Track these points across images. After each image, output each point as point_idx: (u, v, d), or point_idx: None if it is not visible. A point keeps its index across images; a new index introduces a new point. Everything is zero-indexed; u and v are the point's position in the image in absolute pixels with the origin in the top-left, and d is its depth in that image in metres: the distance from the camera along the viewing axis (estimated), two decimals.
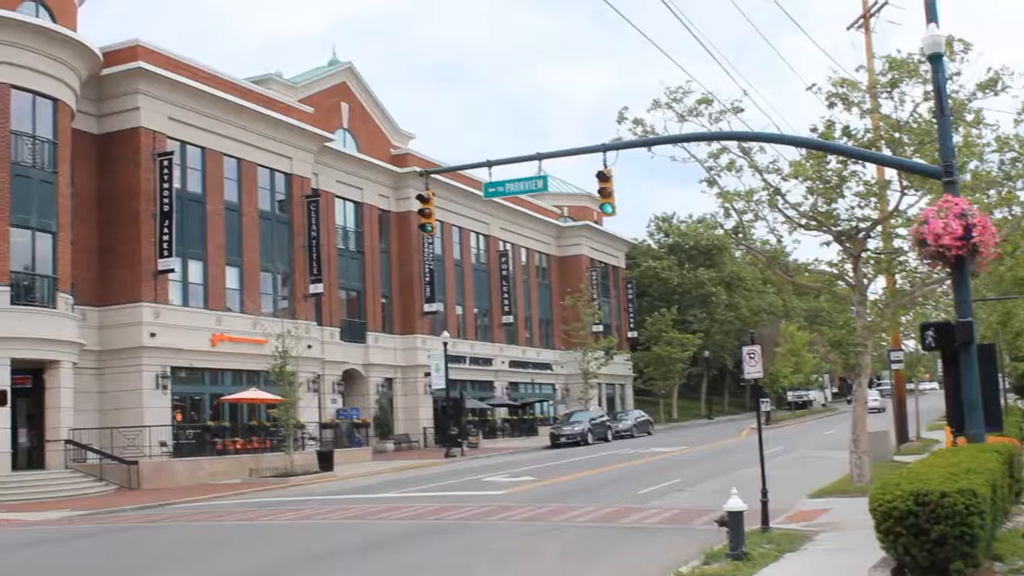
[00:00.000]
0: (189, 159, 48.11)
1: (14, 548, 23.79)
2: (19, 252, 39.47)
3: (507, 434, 71.90)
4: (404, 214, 65.10)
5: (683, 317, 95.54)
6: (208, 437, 45.68)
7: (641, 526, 21.65)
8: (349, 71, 63.97)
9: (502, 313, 76.44)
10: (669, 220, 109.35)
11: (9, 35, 39.47)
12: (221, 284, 48.85)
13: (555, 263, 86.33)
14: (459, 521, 23.84)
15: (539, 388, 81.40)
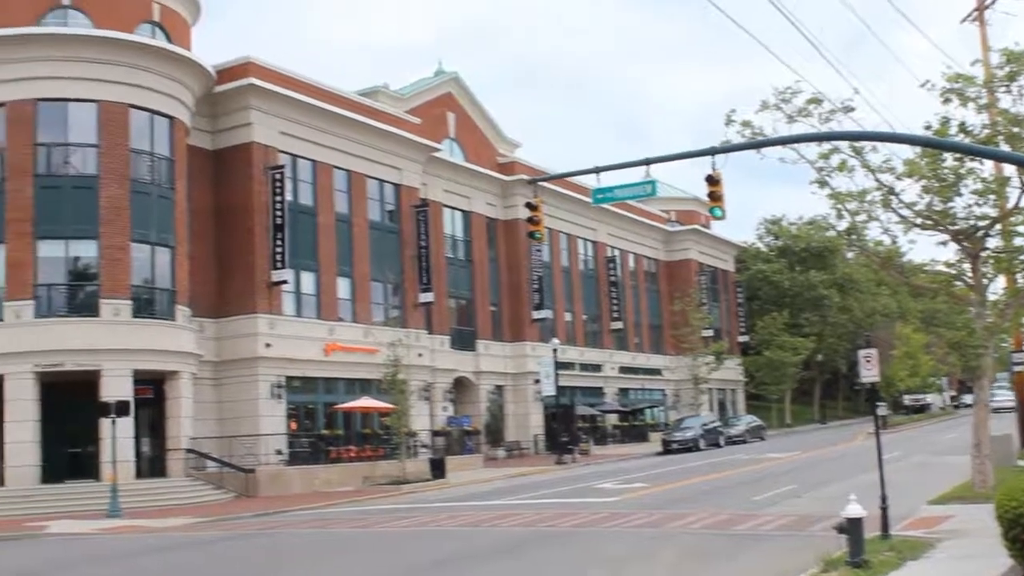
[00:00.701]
0: (300, 172, 48.98)
1: (145, 553, 24.52)
2: (139, 267, 40.60)
3: (617, 440, 71.61)
4: (512, 222, 65.37)
5: (795, 320, 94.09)
6: (322, 445, 46.36)
7: (756, 533, 21.39)
8: (454, 81, 64.47)
9: (611, 319, 76.21)
10: (778, 222, 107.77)
11: (128, 57, 40.67)
12: (333, 294, 49.59)
13: (663, 268, 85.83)
14: (572, 528, 23.83)
15: (649, 394, 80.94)
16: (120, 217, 39.93)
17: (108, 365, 38.66)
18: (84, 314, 39.40)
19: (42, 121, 39.92)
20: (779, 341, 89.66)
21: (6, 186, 39.52)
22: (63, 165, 40.18)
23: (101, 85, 40.29)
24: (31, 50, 39.68)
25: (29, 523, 32.54)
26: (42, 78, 39.71)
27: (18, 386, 38.23)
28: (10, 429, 38.41)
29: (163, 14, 43.71)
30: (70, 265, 40.13)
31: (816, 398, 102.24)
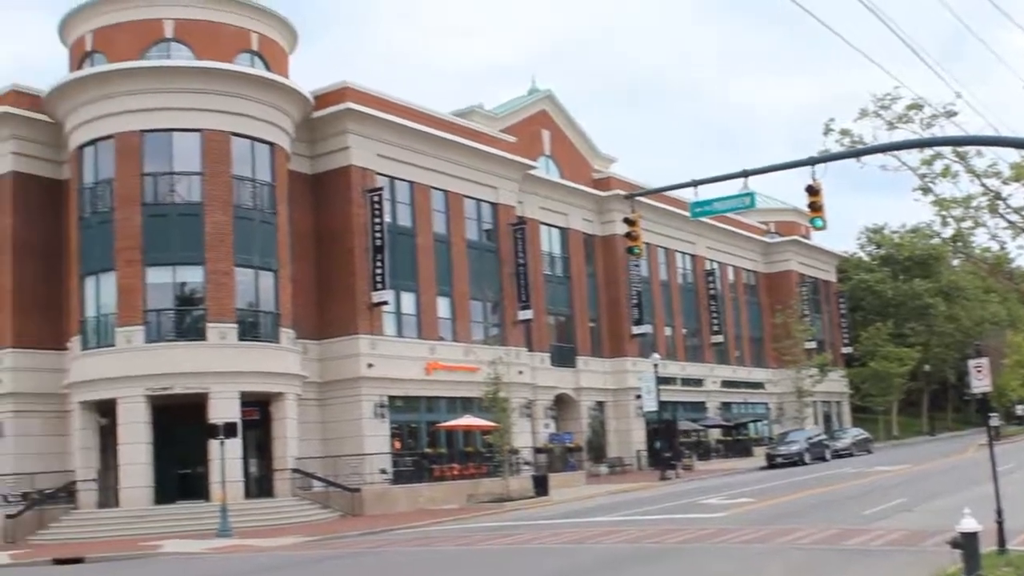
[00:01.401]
0: (398, 193, 49.52)
1: (257, 572, 24.99)
2: (244, 291, 41.41)
3: (721, 455, 70.91)
4: (609, 237, 65.29)
5: (900, 330, 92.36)
6: (426, 464, 46.65)
7: (867, 548, 21.02)
8: (548, 99, 64.69)
9: (711, 332, 75.60)
10: (880, 231, 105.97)
11: (228, 86, 41.62)
12: (433, 314, 50.00)
13: (763, 280, 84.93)
14: (677, 544, 23.67)
15: (752, 408, 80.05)
16: (224, 243, 40.81)
17: (216, 388, 39.48)
18: (192, 338, 40.32)
19: (148, 151, 41.02)
20: (884, 352, 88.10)
21: (115, 215, 40.67)
22: (169, 193, 41.21)
23: (204, 114, 41.28)
24: (137, 83, 40.84)
25: (143, 543, 33.34)
26: (147, 110, 40.82)
27: (131, 409, 39.26)
28: (124, 451, 39.46)
29: (261, 43, 44.65)
30: (177, 291, 41.09)
31: (924, 409, 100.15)
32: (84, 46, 43.93)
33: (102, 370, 39.95)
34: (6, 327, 43.38)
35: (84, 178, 42.18)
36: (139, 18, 42.94)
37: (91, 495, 40.18)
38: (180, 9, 43.12)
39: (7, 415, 42.75)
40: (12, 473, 41.14)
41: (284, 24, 45.95)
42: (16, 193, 43.99)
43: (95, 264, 41.20)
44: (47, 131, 44.37)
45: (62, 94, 42.31)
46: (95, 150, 41.83)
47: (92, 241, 41.44)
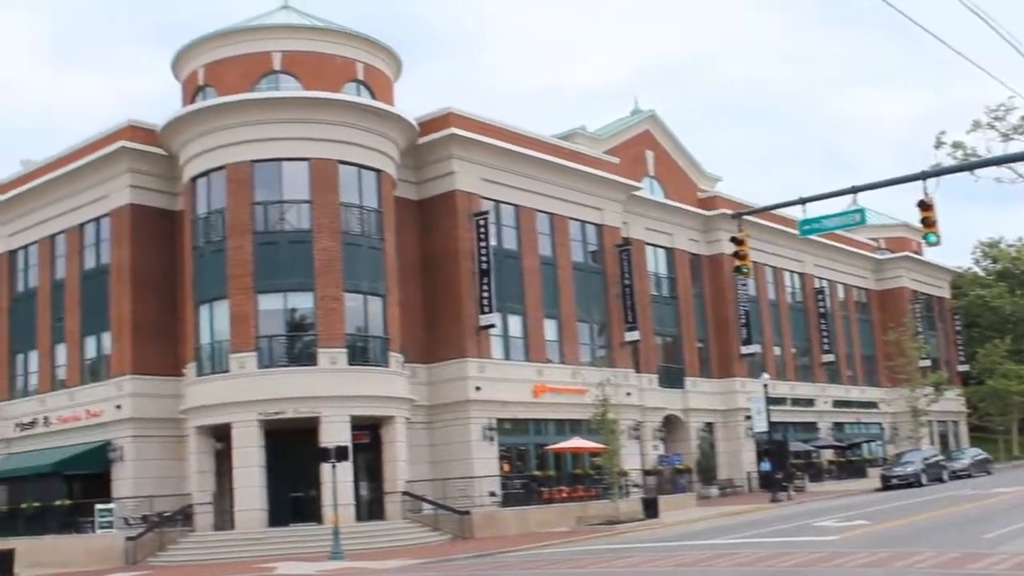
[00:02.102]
0: (503, 217, 49.79)
1: None
2: (353, 316, 41.99)
3: (834, 476, 69.59)
4: (715, 257, 64.79)
5: (1019, 347, 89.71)
6: (535, 486, 46.65)
7: (991, 572, 20.40)
8: (652, 119, 64.55)
9: (822, 352, 74.42)
10: (996, 245, 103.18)
11: (335, 115, 42.39)
12: (540, 336, 50.07)
13: (874, 297, 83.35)
14: (791, 568, 23.27)
15: (865, 428, 78.47)
16: (333, 269, 41.47)
17: (327, 412, 40.07)
18: (303, 363, 41.01)
19: (259, 181, 41.98)
20: (1002, 369, 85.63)
21: (228, 244, 41.63)
22: (279, 222, 42.05)
23: (312, 143, 42.08)
24: (247, 115, 41.82)
25: (258, 565, 33.89)
26: (257, 140, 41.79)
27: (244, 433, 40.05)
28: (238, 475, 40.26)
29: (367, 72, 45.41)
30: (288, 317, 41.83)
31: None
32: (196, 80, 45.18)
33: (216, 395, 40.87)
34: (125, 355, 44.67)
35: (197, 208, 43.28)
36: (248, 51, 44.10)
37: (207, 518, 41.08)
38: (288, 42, 44.17)
39: (126, 440, 43.99)
40: (132, 496, 42.30)
41: (389, 53, 46.67)
42: (133, 224, 45.35)
43: (209, 292, 42.20)
44: (161, 164, 45.69)
45: (176, 127, 43.54)
46: (208, 181, 42.91)
47: (205, 270, 42.48)
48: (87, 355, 47.59)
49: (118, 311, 45.36)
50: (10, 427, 49.58)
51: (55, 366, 49.06)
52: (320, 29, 45.23)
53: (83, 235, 48.24)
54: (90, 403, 45.86)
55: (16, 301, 51.93)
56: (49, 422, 47.81)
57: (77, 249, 48.37)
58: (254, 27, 44.70)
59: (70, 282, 48.58)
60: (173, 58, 46.28)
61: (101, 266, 47.12)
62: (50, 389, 48.79)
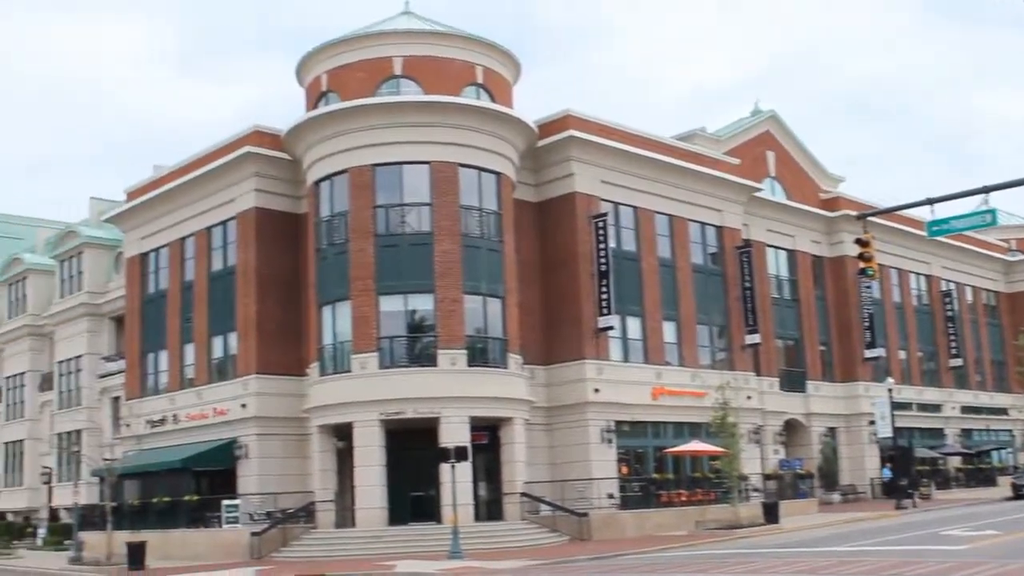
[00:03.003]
0: (622, 219, 49.62)
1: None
2: (472, 317, 42.33)
3: (961, 484, 67.75)
4: (838, 259, 63.66)
5: None
6: (653, 489, 46.39)
7: None
8: (772, 119, 63.70)
9: (949, 356, 72.49)
10: None
11: (455, 119, 42.79)
12: (659, 339, 49.79)
13: (1004, 300, 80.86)
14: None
15: (995, 435, 76.18)
16: (453, 271, 41.86)
17: (446, 412, 40.46)
18: (423, 364, 41.48)
19: (380, 184, 42.61)
20: None
21: (350, 247, 42.33)
22: (400, 224, 42.60)
23: (432, 147, 42.57)
24: (369, 119, 42.48)
25: (379, 562, 34.35)
26: (379, 144, 42.42)
27: (366, 433, 40.67)
28: (359, 473, 40.88)
29: (486, 76, 45.72)
30: (409, 318, 42.35)
31: None
32: (319, 86, 46.03)
33: (338, 395, 41.60)
34: (251, 354, 45.75)
35: (320, 211, 44.10)
36: (370, 57, 44.77)
37: (329, 515, 41.84)
38: (408, 47, 44.72)
39: (251, 438, 45.05)
40: (256, 493, 43.33)
41: (508, 57, 46.93)
42: (259, 227, 46.45)
43: (331, 293, 42.97)
44: (286, 168, 46.69)
45: (300, 132, 44.43)
46: (330, 184, 43.69)
47: (328, 272, 43.26)
48: (214, 355, 48.85)
49: (244, 312, 46.48)
50: (141, 424, 51.17)
51: (184, 365, 50.50)
52: (440, 34, 45.70)
53: (211, 238, 49.55)
54: (217, 401, 47.11)
55: (147, 302, 53.57)
56: (178, 420, 49.24)
57: (205, 251, 49.71)
58: (375, 33, 45.38)
59: (198, 284, 49.94)
60: (297, 65, 47.21)
61: (228, 268, 48.33)
62: (179, 388, 50.23)
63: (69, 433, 61.84)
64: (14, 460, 69.83)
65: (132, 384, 53.66)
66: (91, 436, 55.49)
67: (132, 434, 51.72)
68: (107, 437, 54.10)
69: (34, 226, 77.52)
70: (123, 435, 52.82)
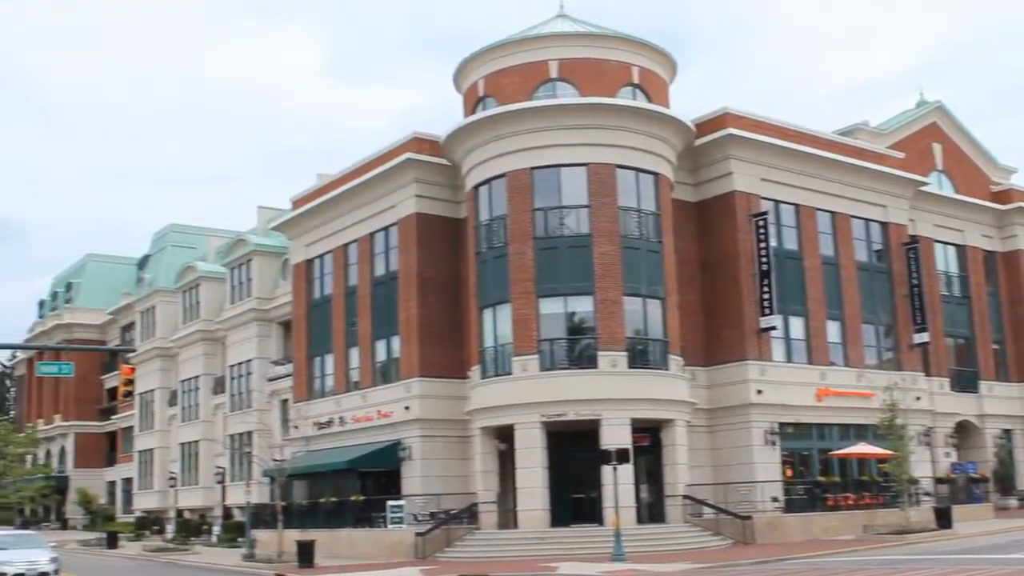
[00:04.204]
0: (783, 217, 48.76)
1: None
2: (632, 319, 42.20)
3: None
4: (1012, 253, 61.29)
5: None
6: (818, 492, 45.44)
7: None
8: (939, 110, 61.69)
9: None
10: None
11: (612, 120, 42.74)
12: (822, 339, 48.73)
13: None
14: None
15: None
16: (612, 272, 41.79)
17: (607, 414, 40.43)
18: (583, 366, 41.51)
19: (538, 187, 42.83)
20: None
21: (509, 250, 42.67)
22: (559, 227, 42.73)
23: (589, 149, 42.59)
24: (526, 123, 42.78)
25: (541, 564, 34.61)
26: (536, 148, 42.68)
27: (527, 435, 40.95)
28: (521, 475, 41.19)
29: (642, 76, 45.50)
30: (569, 320, 42.42)
31: None
32: (477, 92, 46.53)
33: (500, 397, 41.99)
34: (413, 357, 46.54)
35: (480, 215, 44.58)
36: (526, 61, 45.03)
37: (492, 516, 42.28)
38: (564, 50, 44.83)
39: (415, 439, 45.82)
40: (420, 494, 44.08)
41: (663, 56, 46.61)
42: (419, 232, 47.25)
43: (491, 296, 43.39)
44: (445, 173, 47.40)
45: (458, 138, 45.02)
46: (489, 188, 44.14)
47: (488, 275, 43.70)
48: (378, 358, 49.85)
49: (406, 315, 47.31)
50: (309, 426, 52.57)
51: (348, 368, 51.69)
52: (595, 35, 45.67)
53: (373, 243, 50.62)
54: (381, 404, 48.06)
55: (313, 307, 55.02)
56: (344, 421, 50.42)
57: (368, 257, 50.80)
58: (531, 37, 45.62)
59: (361, 288, 51.04)
60: (455, 71, 47.80)
61: (390, 273, 49.26)
62: (344, 390, 51.42)
63: (241, 434, 63.95)
64: (190, 460, 72.56)
65: (300, 387, 55.19)
66: (261, 437, 57.15)
67: (300, 435, 53.17)
68: (276, 438, 55.71)
69: (206, 235, 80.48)
70: (292, 436, 54.35)
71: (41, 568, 34.82)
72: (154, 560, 49.67)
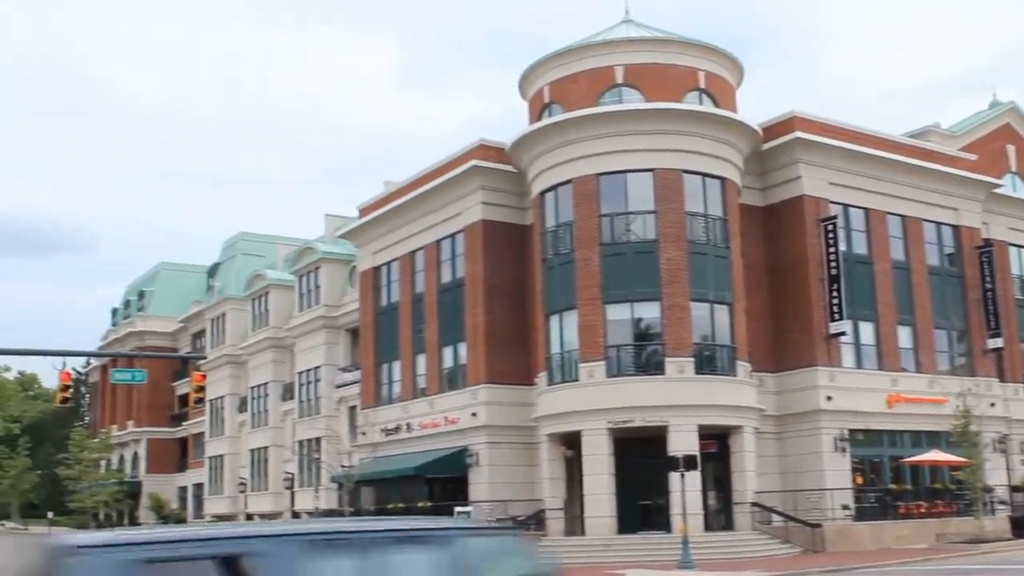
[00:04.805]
0: (852, 221, 48.17)
1: None
2: (699, 325, 41.94)
3: None
4: None
5: None
6: (890, 500, 44.85)
7: None
8: (1012, 111, 60.57)
9: None
10: None
11: (678, 125, 42.57)
12: (893, 344, 48.05)
13: None
14: None
15: None
16: (679, 278, 41.59)
17: (674, 421, 40.21)
18: (650, 372, 41.38)
19: (604, 193, 42.75)
20: None
21: (575, 256, 42.66)
22: (625, 233, 42.64)
23: (655, 154, 42.45)
24: (592, 129, 42.74)
25: (608, 571, 34.45)
26: (602, 153, 42.62)
27: (594, 441, 40.88)
28: (588, 482, 41.14)
29: (708, 80, 45.25)
30: (635, 326, 42.31)
31: None
32: (542, 98, 46.58)
33: (566, 404, 41.96)
34: (480, 364, 46.69)
35: (546, 222, 44.61)
36: (591, 67, 44.98)
37: (559, 523, 42.26)
38: (629, 55, 44.74)
39: (482, 446, 45.95)
40: (487, 500, 44.18)
41: (730, 60, 46.35)
42: (485, 239, 47.43)
43: (558, 303, 43.38)
44: (510, 180, 47.54)
45: (524, 145, 45.11)
46: (555, 195, 44.16)
47: (554, 281, 43.70)
48: (444, 365, 50.06)
49: (473, 322, 47.46)
50: (377, 432, 52.89)
51: (415, 375, 51.95)
52: (661, 40, 45.53)
53: (439, 251, 50.87)
54: (448, 410, 48.26)
55: (380, 314, 55.40)
56: (411, 428, 50.67)
57: (434, 264, 51.06)
58: (597, 43, 45.55)
59: (428, 295, 51.31)
60: (520, 78, 47.90)
61: (456, 280, 49.47)
62: (411, 397, 51.68)
63: (309, 440, 64.48)
64: (259, 466, 73.26)
65: (367, 393, 55.57)
66: (330, 443, 57.64)
67: (368, 442, 53.52)
68: (344, 444, 56.13)
69: (275, 243, 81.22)
70: (359, 443, 54.73)
71: None
72: None
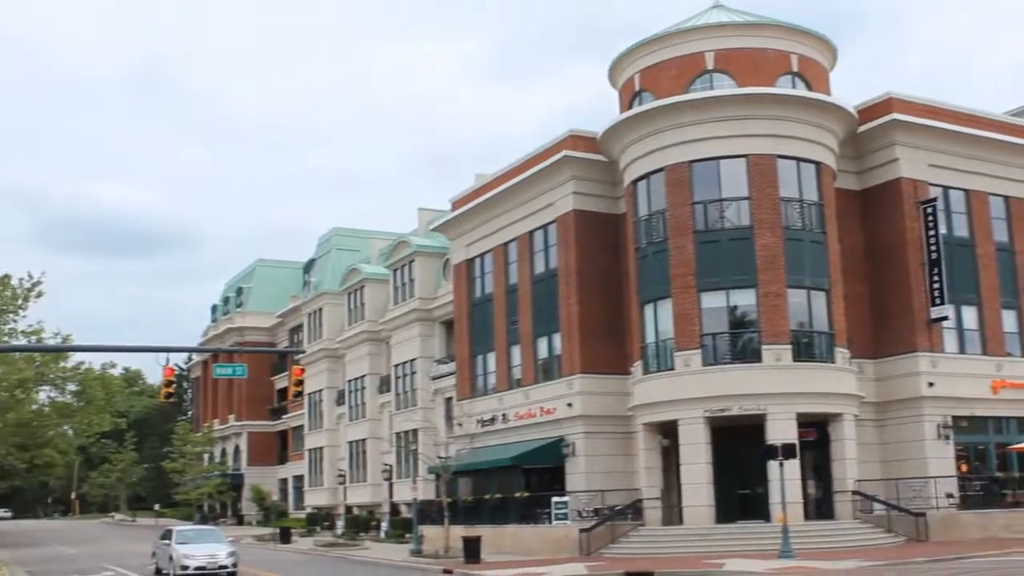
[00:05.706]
0: (952, 203, 47.04)
1: None
2: (796, 311, 41.40)
3: None
4: None
5: None
6: (996, 488, 43.79)
7: None
8: None
9: None
10: None
11: (771, 110, 42.05)
12: (997, 328, 46.83)
13: None
14: None
15: None
16: (775, 265, 41.10)
17: (772, 409, 39.80)
18: (747, 360, 40.98)
19: (697, 180, 42.42)
20: None
21: (669, 244, 42.42)
22: (719, 220, 42.24)
23: (748, 140, 42.00)
24: (683, 116, 42.43)
25: (706, 560, 34.33)
26: (694, 140, 42.32)
27: (691, 431, 40.65)
28: (685, 471, 40.94)
29: (801, 64, 44.57)
30: (731, 314, 41.90)
31: None
32: (632, 86, 46.32)
33: (663, 393, 41.77)
34: (575, 354, 46.69)
35: (638, 210, 44.42)
36: (681, 54, 44.58)
37: (656, 512, 42.13)
38: (720, 40, 44.25)
39: (578, 436, 45.98)
40: (584, 490, 44.22)
41: (823, 42, 45.60)
42: (578, 229, 47.45)
43: (652, 292, 43.17)
44: (601, 169, 47.42)
45: (615, 133, 44.94)
46: (647, 183, 43.95)
47: (648, 270, 43.50)
48: (539, 355, 50.13)
49: (567, 312, 47.46)
50: (473, 423, 53.16)
51: (511, 366, 52.13)
52: (752, 25, 44.93)
53: (532, 242, 50.94)
54: (543, 401, 48.35)
55: (474, 306, 55.69)
56: (507, 419, 50.87)
57: (527, 255, 51.16)
58: (686, 29, 45.11)
59: (522, 286, 51.42)
60: (609, 67, 47.68)
61: (550, 270, 49.49)
62: (507, 388, 51.88)
63: (406, 432, 65.09)
64: (358, 458, 74.18)
65: (463, 385, 55.91)
66: (426, 435, 58.05)
67: (464, 433, 53.77)
68: (441, 436, 56.46)
69: (369, 238, 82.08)
70: (456, 434, 55.00)
71: (221, 561, 36.09)
72: (325, 555, 50.98)
